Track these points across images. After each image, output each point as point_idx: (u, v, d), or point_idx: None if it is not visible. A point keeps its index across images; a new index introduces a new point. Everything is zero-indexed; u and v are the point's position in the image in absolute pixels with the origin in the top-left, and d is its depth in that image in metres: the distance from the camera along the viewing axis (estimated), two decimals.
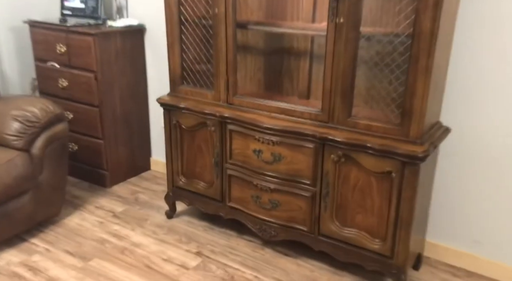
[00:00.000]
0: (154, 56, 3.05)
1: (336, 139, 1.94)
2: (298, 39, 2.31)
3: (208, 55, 2.34)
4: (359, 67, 1.97)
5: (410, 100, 1.79)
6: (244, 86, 2.52)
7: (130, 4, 3.01)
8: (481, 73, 2.03)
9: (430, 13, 1.65)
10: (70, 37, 2.83)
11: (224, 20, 2.13)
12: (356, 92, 1.99)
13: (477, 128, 2.10)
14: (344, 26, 1.83)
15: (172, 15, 2.30)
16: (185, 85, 2.43)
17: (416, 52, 1.72)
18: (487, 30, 1.97)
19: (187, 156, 2.49)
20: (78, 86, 2.92)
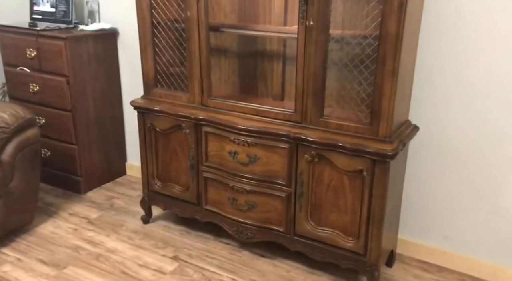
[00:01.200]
0: (127, 60, 3.03)
1: (309, 139, 1.98)
2: (271, 42, 2.35)
3: (182, 57, 2.35)
4: (330, 68, 2.01)
5: (378, 100, 1.85)
6: (219, 88, 2.54)
7: (102, 8, 2.99)
8: (446, 73, 2.11)
9: (395, 15, 1.71)
10: (41, 41, 2.80)
11: (197, 23, 2.15)
12: (328, 93, 2.04)
13: (444, 126, 2.18)
14: (314, 28, 1.87)
15: (144, 18, 2.31)
16: (159, 88, 2.43)
17: (383, 53, 1.78)
18: (450, 31, 2.05)
19: (162, 160, 2.49)
20: (50, 90, 2.88)
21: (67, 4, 2.91)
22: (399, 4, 1.69)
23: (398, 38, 1.74)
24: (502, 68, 1.99)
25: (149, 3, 2.27)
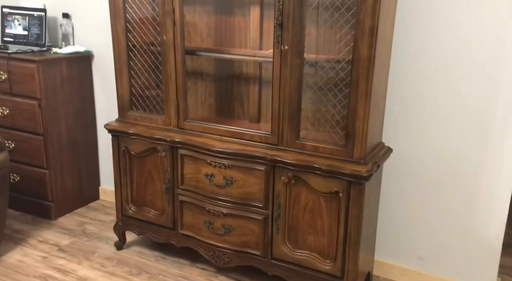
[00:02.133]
0: (102, 82, 3.01)
1: (286, 161, 1.99)
2: (247, 65, 2.38)
3: (158, 80, 2.35)
4: (305, 91, 2.05)
5: (352, 123, 1.88)
6: (196, 111, 2.54)
7: (76, 31, 2.97)
8: (417, 96, 2.18)
9: (367, 40, 1.77)
10: (12, 64, 2.75)
11: (173, 47, 2.16)
12: (303, 115, 2.07)
13: (416, 148, 2.23)
14: (288, 53, 1.91)
15: (119, 41, 2.31)
16: (134, 111, 2.42)
17: (356, 77, 1.83)
18: (421, 56, 2.12)
19: (137, 183, 2.45)
20: (21, 114, 2.81)
21: (40, 27, 2.89)
22: (370, 30, 1.75)
23: (370, 62, 1.79)
24: (471, 91, 2.06)
25: (125, 26, 2.27)
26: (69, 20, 2.93)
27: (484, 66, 2.02)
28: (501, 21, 1.94)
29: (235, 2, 2.33)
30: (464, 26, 2.01)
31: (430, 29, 2.07)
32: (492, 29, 1.97)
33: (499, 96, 2.02)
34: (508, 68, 1.98)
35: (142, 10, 2.27)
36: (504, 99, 2.01)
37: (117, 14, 2.26)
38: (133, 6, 2.25)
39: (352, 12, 1.81)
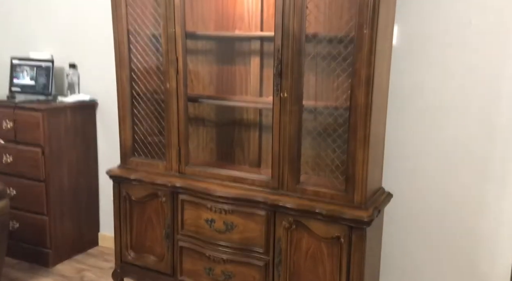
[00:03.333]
0: (105, 130, 3.06)
1: (287, 206, 1.99)
2: (248, 112, 2.44)
3: (160, 127, 2.40)
4: (305, 136, 2.09)
5: (352, 168, 1.91)
6: (197, 156, 2.57)
7: (82, 80, 3.07)
8: (415, 140, 2.21)
9: (364, 88, 1.83)
10: (18, 113, 2.81)
11: (176, 95, 2.23)
12: (303, 160, 2.09)
13: (416, 193, 2.24)
14: (288, 100, 1.97)
15: (124, 90, 2.38)
16: (136, 157, 2.45)
17: (354, 123, 1.87)
18: (416, 102, 2.18)
19: (136, 229, 2.43)
20: (24, 161, 2.84)
21: (47, 77, 2.98)
22: (366, 78, 1.82)
23: (367, 109, 1.84)
24: (469, 137, 2.10)
25: (129, 75, 2.35)
26: (75, 70, 3.03)
27: (480, 112, 2.07)
28: (494, 71, 2.02)
29: (236, 52, 2.43)
30: (457, 76, 2.08)
31: (425, 77, 2.14)
32: (485, 77, 2.04)
33: (497, 139, 2.06)
34: (503, 113, 2.03)
35: (146, 60, 2.36)
36: (502, 141, 2.05)
37: (123, 63, 2.34)
38: (138, 56, 2.34)
39: (349, 61, 1.88)
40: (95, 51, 2.97)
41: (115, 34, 2.32)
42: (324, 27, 2.05)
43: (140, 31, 2.32)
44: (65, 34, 3.06)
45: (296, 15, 1.88)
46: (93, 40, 2.96)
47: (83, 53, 3.02)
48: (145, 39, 2.34)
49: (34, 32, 3.18)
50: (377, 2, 1.74)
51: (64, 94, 3.08)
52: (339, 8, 2.03)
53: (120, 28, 2.30)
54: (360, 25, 1.78)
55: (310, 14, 1.91)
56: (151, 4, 2.31)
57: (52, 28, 3.10)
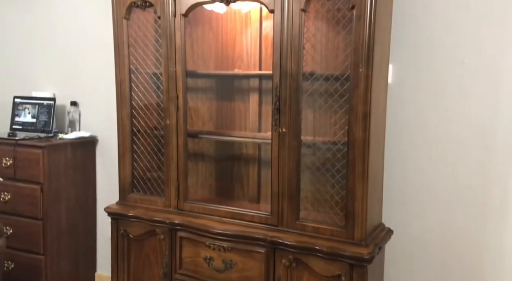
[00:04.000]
0: (105, 166, 3.07)
1: (286, 243, 1.97)
2: (247, 147, 2.46)
3: (159, 162, 2.41)
4: (304, 172, 2.10)
5: (351, 203, 1.90)
6: (196, 192, 2.57)
7: (83, 117, 3.10)
8: (413, 176, 2.22)
9: (361, 124, 1.85)
10: (18, 150, 2.82)
11: (176, 131, 2.25)
12: (303, 196, 2.09)
13: (417, 228, 2.21)
14: (286, 135, 1.99)
15: (124, 126, 2.41)
16: (135, 193, 2.44)
17: (352, 158, 1.88)
18: (413, 137, 2.20)
19: (134, 268, 2.39)
20: (22, 199, 2.83)
21: (48, 115, 3.02)
22: (363, 115, 1.85)
23: (365, 144, 1.86)
24: (467, 172, 2.11)
25: (130, 112, 2.39)
26: (77, 108, 3.08)
27: (476, 147, 2.09)
28: (487, 109, 2.06)
29: (236, 89, 2.48)
30: (452, 112, 2.12)
31: (421, 113, 2.18)
32: (480, 114, 2.07)
33: (495, 174, 2.06)
34: (499, 149, 2.05)
35: (147, 97, 2.40)
36: (500, 176, 2.06)
37: (124, 101, 2.38)
38: (139, 94, 2.39)
39: (345, 98, 1.92)
40: (96, 89, 3.02)
41: (117, 73, 2.37)
42: (321, 65, 2.10)
43: (141, 69, 2.38)
44: (67, 73, 3.13)
45: (293, 55, 1.94)
46: (94, 78, 3.02)
47: (85, 91, 3.08)
48: (146, 77, 2.40)
49: (36, 72, 3.25)
50: (371, 41, 1.80)
51: (64, 131, 3.11)
52: (335, 48, 2.09)
53: (122, 67, 2.35)
54: (356, 63, 1.83)
55: (307, 54, 1.97)
56: (153, 45, 2.38)
57: (55, 67, 3.18)
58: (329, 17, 2.03)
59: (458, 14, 2.06)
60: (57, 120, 3.14)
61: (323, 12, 2.00)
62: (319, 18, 2.06)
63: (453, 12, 2.07)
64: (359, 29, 1.80)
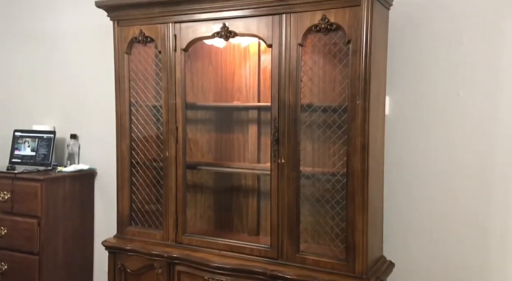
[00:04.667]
0: (103, 198, 3.05)
1: (286, 276, 1.93)
2: (246, 178, 2.46)
3: (158, 195, 2.40)
4: (303, 203, 2.09)
5: (352, 236, 1.88)
6: (194, 224, 2.54)
7: (82, 150, 3.11)
8: (413, 208, 2.21)
9: (360, 155, 1.86)
10: (16, 184, 2.80)
11: (175, 162, 2.26)
12: (302, 228, 2.07)
13: (418, 261, 2.18)
14: (285, 166, 2.00)
15: (123, 159, 2.41)
16: (133, 226, 2.41)
17: (352, 190, 1.88)
18: (411, 168, 2.21)
19: None
20: (19, 233, 2.79)
21: (48, 148, 3.03)
22: (361, 146, 1.86)
23: (364, 175, 1.86)
24: (468, 203, 2.11)
25: (129, 144, 2.40)
26: (76, 140, 3.09)
27: (476, 178, 2.09)
28: (484, 139, 2.08)
29: (235, 121, 2.51)
30: (449, 143, 2.14)
31: (418, 144, 2.20)
32: (476, 144, 2.09)
33: (495, 205, 2.06)
34: (499, 178, 2.06)
35: (146, 129, 2.42)
36: (501, 207, 2.05)
37: (123, 133, 2.40)
38: (139, 126, 2.40)
39: (343, 129, 1.94)
40: (96, 122, 3.05)
41: (117, 106, 2.40)
42: (319, 97, 2.13)
43: (142, 102, 2.41)
44: (68, 106, 3.17)
45: (291, 88, 1.97)
46: (94, 111, 3.05)
47: (85, 124, 3.10)
48: (146, 109, 2.42)
49: (38, 105, 3.29)
50: (368, 74, 1.84)
51: (63, 164, 3.11)
52: (332, 80, 2.13)
53: (123, 100, 2.39)
54: (353, 96, 1.86)
55: (305, 86, 2.01)
56: (153, 78, 2.43)
57: (55, 100, 3.21)
58: (325, 51, 2.08)
59: (452, 49, 2.12)
60: (56, 153, 3.14)
61: (320, 46, 2.05)
62: (316, 52, 2.11)
63: (447, 47, 2.13)
64: (355, 63, 1.85)
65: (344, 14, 1.85)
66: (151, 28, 2.27)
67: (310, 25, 1.91)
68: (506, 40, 2.03)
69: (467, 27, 2.09)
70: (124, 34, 2.34)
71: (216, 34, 2.11)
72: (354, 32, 1.83)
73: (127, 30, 2.33)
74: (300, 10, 1.92)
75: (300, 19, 1.93)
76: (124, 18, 2.33)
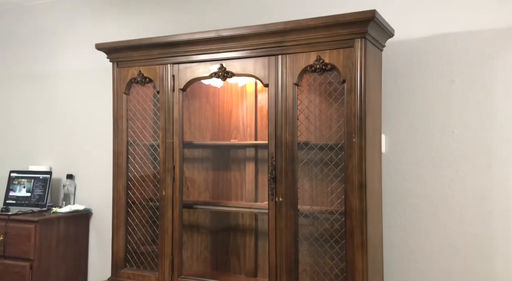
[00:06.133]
0: (98, 239, 3.00)
1: None
2: (243, 217, 2.43)
3: (154, 235, 2.36)
4: (302, 242, 2.05)
5: (352, 276, 1.84)
6: (190, 265, 2.48)
7: (78, 190, 3.08)
8: (412, 248, 2.17)
9: (357, 193, 1.85)
10: (10, 225, 2.75)
11: (171, 202, 2.23)
12: (301, 268, 2.02)
13: None
14: (283, 204, 1.98)
15: (119, 199, 2.38)
16: (128, 268, 2.35)
17: (350, 228, 1.86)
18: (411, 205, 2.20)
19: None
20: (9, 277, 2.71)
21: (43, 188, 3.01)
22: (359, 183, 1.85)
23: (362, 214, 1.84)
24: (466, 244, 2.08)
25: (126, 184, 2.38)
26: (72, 181, 3.07)
27: (474, 214, 2.08)
28: (480, 176, 2.08)
29: (232, 159, 2.51)
30: (445, 180, 2.14)
31: (415, 182, 2.20)
32: (473, 181, 2.09)
33: (496, 243, 2.03)
34: (497, 216, 2.05)
35: (143, 168, 2.41)
36: (499, 246, 2.03)
37: (120, 173, 2.39)
38: (136, 166, 2.40)
39: (340, 167, 1.94)
40: (93, 161, 3.04)
41: (115, 145, 2.40)
42: (315, 136, 2.15)
43: (139, 141, 2.41)
44: (64, 146, 3.17)
45: (287, 126, 1.99)
46: (91, 151, 3.05)
47: (81, 164, 3.09)
48: (144, 148, 2.43)
49: (34, 146, 3.29)
50: (363, 113, 1.86)
51: (59, 204, 3.07)
52: (328, 119, 2.15)
53: (120, 139, 2.39)
54: (349, 134, 1.88)
55: (301, 124, 2.02)
56: (151, 117, 2.45)
57: (52, 141, 3.22)
58: (321, 90, 2.11)
59: (444, 88, 2.17)
60: (52, 193, 3.12)
61: (315, 86, 2.09)
62: (312, 91, 2.14)
63: (439, 86, 2.17)
64: (351, 102, 1.88)
65: (338, 55, 1.90)
66: (149, 69, 2.31)
67: (305, 66, 1.96)
68: (497, 78, 2.07)
69: (458, 67, 2.14)
70: (123, 75, 2.39)
71: (214, 75, 2.16)
72: (348, 72, 1.88)
73: (126, 71, 2.38)
74: (295, 51, 1.97)
75: (296, 59, 1.97)
76: (123, 60, 2.38)
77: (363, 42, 1.85)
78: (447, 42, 2.16)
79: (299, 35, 1.95)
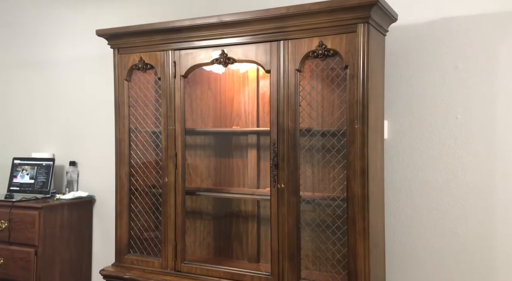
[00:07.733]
0: (101, 226, 3.02)
1: None
2: (246, 203, 2.44)
3: (157, 222, 2.38)
4: (304, 229, 2.06)
5: (353, 261, 1.85)
6: (194, 251, 2.50)
7: (81, 177, 3.10)
8: (414, 235, 2.18)
9: (359, 179, 1.85)
10: (14, 212, 2.78)
11: (174, 188, 2.24)
12: (303, 254, 2.04)
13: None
14: (285, 190, 1.98)
15: (122, 186, 2.39)
16: (132, 254, 2.37)
17: (352, 214, 1.86)
18: (413, 191, 2.20)
19: None
20: (15, 263, 2.75)
21: (47, 175, 3.02)
22: (361, 170, 1.85)
23: (364, 200, 1.84)
24: (468, 230, 2.08)
25: (128, 171, 2.39)
26: (75, 167, 3.08)
27: (478, 200, 2.08)
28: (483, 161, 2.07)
29: (234, 146, 2.51)
30: (449, 166, 2.14)
31: (417, 169, 2.19)
32: (477, 167, 2.09)
33: (498, 233, 2.04)
34: (500, 205, 2.04)
35: (146, 155, 2.42)
36: (502, 235, 2.03)
37: (122, 160, 2.39)
38: (138, 153, 2.40)
39: (343, 153, 1.93)
40: (95, 148, 3.05)
41: (117, 132, 2.40)
42: (317, 122, 2.14)
43: (141, 128, 2.41)
44: (67, 133, 3.18)
45: (290, 112, 1.98)
46: (94, 138, 3.06)
47: (84, 150, 3.10)
48: (146, 135, 2.43)
49: (37, 133, 3.30)
50: (366, 99, 1.84)
51: (62, 191, 3.09)
52: (330, 105, 2.14)
53: (122, 126, 2.39)
54: (351, 120, 1.87)
55: (303, 111, 2.01)
56: (152, 104, 2.44)
57: (55, 128, 3.23)
58: (323, 76, 2.10)
59: (448, 74, 2.14)
60: (55, 180, 3.13)
61: (318, 72, 2.08)
62: (314, 77, 2.13)
63: (443, 72, 2.15)
64: (353, 88, 1.86)
65: (340, 40, 1.88)
66: (151, 55, 2.30)
67: (307, 51, 1.94)
68: (500, 63, 2.05)
69: (462, 52, 2.11)
70: (124, 62, 2.37)
71: (215, 61, 2.14)
72: (351, 57, 1.86)
73: (127, 57, 2.36)
74: (298, 36, 1.95)
75: (298, 45, 1.95)
76: (124, 46, 2.37)
77: (366, 27, 1.83)
78: (451, 26, 2.13)
79: (302, 20, 1.92)
